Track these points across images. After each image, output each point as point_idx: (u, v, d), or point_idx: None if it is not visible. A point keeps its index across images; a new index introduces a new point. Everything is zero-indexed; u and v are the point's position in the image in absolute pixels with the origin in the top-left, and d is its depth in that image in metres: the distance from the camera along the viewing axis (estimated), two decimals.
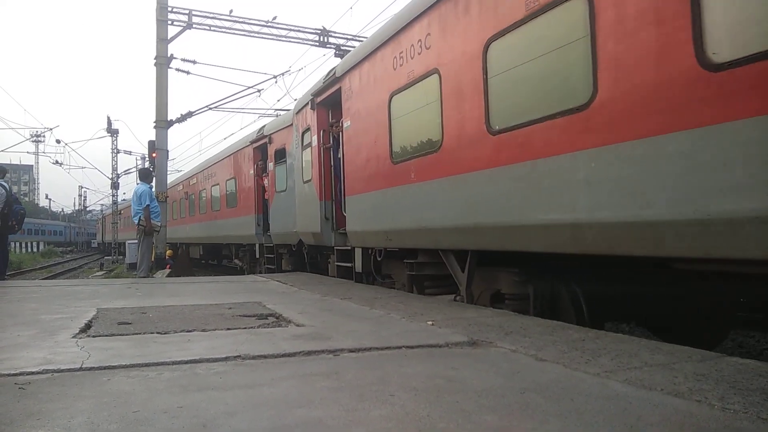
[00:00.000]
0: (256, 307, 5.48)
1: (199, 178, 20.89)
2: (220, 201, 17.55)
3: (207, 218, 19.28)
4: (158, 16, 16.75)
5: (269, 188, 13.15)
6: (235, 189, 16.01)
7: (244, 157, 15.27)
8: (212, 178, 18.80)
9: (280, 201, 12.24)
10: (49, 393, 2.57)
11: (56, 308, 5.56)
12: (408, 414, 2.26)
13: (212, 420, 2.20)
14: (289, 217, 11.40)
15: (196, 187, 21.46)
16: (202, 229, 20.20)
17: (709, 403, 2.36)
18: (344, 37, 19.21)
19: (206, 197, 19.60)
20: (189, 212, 22.53)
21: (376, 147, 7.38)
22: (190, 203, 22.32)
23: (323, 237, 9.41)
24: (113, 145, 37.00)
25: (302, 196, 10.45)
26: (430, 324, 4.42)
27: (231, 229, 16.34)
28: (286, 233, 11.82)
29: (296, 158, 10.81)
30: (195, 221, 21.28)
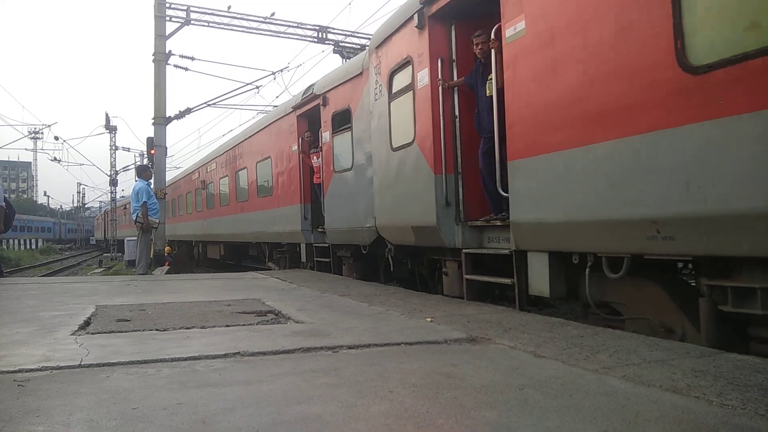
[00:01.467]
0: (255, 304, 5.48)
1: (219, 163, 17.22)
2: (248, 190, 14.17)
3: (230, 212, 15.93)
4: (156, 12, 16.70)
5: (322, 168, 9.75)
6: (270, 173, 12.47)
7: (283, 129, 11.64)
8: (237, 161, 15.25)
9: (342, 184, 8.92)
10: (48, 390, 2.57)
11: (55, 305, 5.56)
12: (407, 410, 2.26)
13: (211, 416, 2.20)
14: (357, 205, 8.23)
15: (214, 175, 17.89)
16: (223, 226, 16.80)
17: (707, 399, 2.36)
18: (343, 33, 19.18)
19: (229, 186, 16.10)
20: (206, 205, 18.91)
21: (636, 44, 3.69)
22: (208, 195, 18.68)
23: (441, 233, 6.02)
24: (112, 142, 36.98)
25: (389, 171, 7.11)
26: (429, 321, 4.42)
27: (264, 224, 12.91)
28: (353, 229, 8.46)
29: (377, 117, 7.45)
30: (213, 216, 17.86)
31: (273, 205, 12.31)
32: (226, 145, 16.91)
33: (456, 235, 6.04)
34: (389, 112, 7.09)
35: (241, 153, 14.89)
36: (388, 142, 7.10)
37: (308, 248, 10.79)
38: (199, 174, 20.23)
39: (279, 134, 11.97)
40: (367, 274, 8.80)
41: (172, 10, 16.96)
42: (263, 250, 13.90)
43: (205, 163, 19.30)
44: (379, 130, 7.42)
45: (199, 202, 20.21)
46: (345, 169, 8.84)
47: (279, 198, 11.97)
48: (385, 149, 7.20)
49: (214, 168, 17.99)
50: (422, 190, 6.27)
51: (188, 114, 18.71)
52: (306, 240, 10.74)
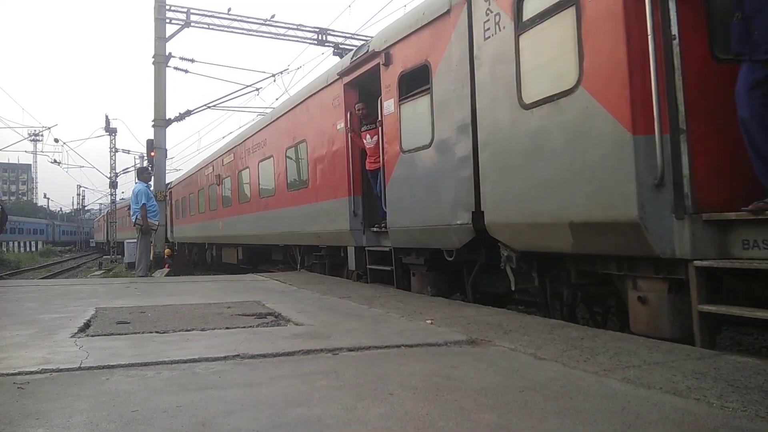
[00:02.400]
0: (255, 306, 5.48)
1: (238, 154, 14.79)
2: (276, 182, 11.79)
3: (251, 209, 13.51)
4: (156, 15, 16.74)
5: (382, 149, 7.36)
6: (305, 160, 10.05)
7: (324, 104, 9.18)
8: (260, 150, 12.79)
9: (414, 167, 6.61)
10: (48, 392, 2.57)
11: (55, 308, 5.55)
12: (407, 413, 2.26)
13: (211, 419, 2.20)
14: (441, 194, 6.08)
15: (231, 168, 15.43)
16: (242, 226, 14.35)
17: (707, 401, 2.36)
18: (343, 35, 19.21)
19: (250, 180, 13.70)
20: (221, 203, 16.48)
21: None
22: (224, 191, 16.24)
23: (647, 232, 3.74)
24: (111, 144, 36.99)
25: (516, 139, 4.92)
26: (429, 323, 4.42)
27: (296, 223, 10.54)
28: (432, 228, 6.23)
29: (488, 63, 5.29)
30: (231, 214, 15.47)
31: (309, 199, 9.91)
32: (246, 133, 14.41)
33: (676, 235, 3.70)
34: (517, 51, 4.84)
35: (266, 140, 12.47)
36: (515, 97, 4.83)
37: (358, 253, 8.27)
38: (213, 168, 17.46)
39: (318, 111, 9.49)
40: (446, 287, 6.66)
41: (172, 13, 17.01)
42: (294, 254, 11.61)
43: (221, 155, 16.62)
44: (494, 82, 5.17)
45: (213, 200, 17.44)
46: (420, 146, 6.42)
47: (317, 190, 9.52)
48: (508, 108, 4.95)
49: (231, 160, 15.42)
50: (600, 163, 4.03)
51: (188, 116, 18.80)
52: (356, 242, 8.21)
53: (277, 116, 11.73)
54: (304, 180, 10.20)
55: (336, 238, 8.94)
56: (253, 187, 13.46)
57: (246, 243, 14.71)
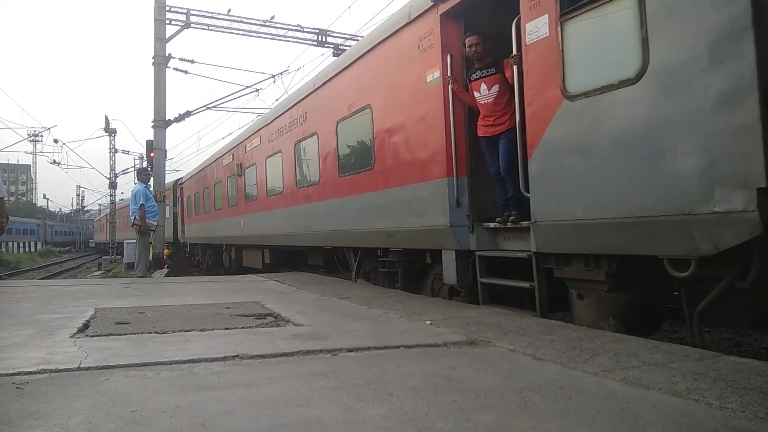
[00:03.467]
0: (254, 307, 5.48)
1: (266, 136, 12.09)
2: (322, 166, 9.10)
3: (284, 203, 10.99)
4: (156, 16, 16.75)
5: (518, 98, 5.10)
6: (369, 133, 7.47)
7: (402, 51, 6.69)
8: (298, 128, 10.17)
9: (596, 121, 4.17)
10: (47, 393, 2.57)
11: (54, 308, 5.55)
12: (406, 413, 2.26)
13: (210, 419, 2.20)
14: (665, 163, 3.64)
15: (257, 155, 12.82)
16: (272, 223, 11.75)
17: (707, 402, 2.36)
18: (342, 36, 19.22)
19: (283, 167, 11.00)
20: (244, 197, 14.00)
21: None
22: (247, 183, 13.70)
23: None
24: (111, 145, 36.97)
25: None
26: (428, 323, 4.42)
27: (354, 218, 7.96)
28: (644, 220, 3.79)
29: None
30: (256, 210, 12.95)
31: (374, 186, 7.32)
32: (277, 110, 11.73)
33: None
34: None
35: (305, 115, 9.83)
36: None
37: (461, 260, 5.82)
38: (233, 156, 14.93)
39: (391, 63, 6.92)
40: (639, 320, 4.38)
41: (171, 14, 17.01)
42: (346, 258, 8.81)
43: (243, 140, 14.03)
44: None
45: (233, 194, 14.97)
46: (613, 83, 4.00)
47: (388, 173, 6.99)
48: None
49: (256, 145, 12.82)
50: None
51: (188, 117, 18.80)
52: (459, 244, 5.76)
53: (322, 83, 9.00)
54: (365, 161, 7.58)
55: (422, 238, 6.30)
56: (286, 175, 10.83)
57: (276, 244, 12.05)
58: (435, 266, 6.50)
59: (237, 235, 14.77)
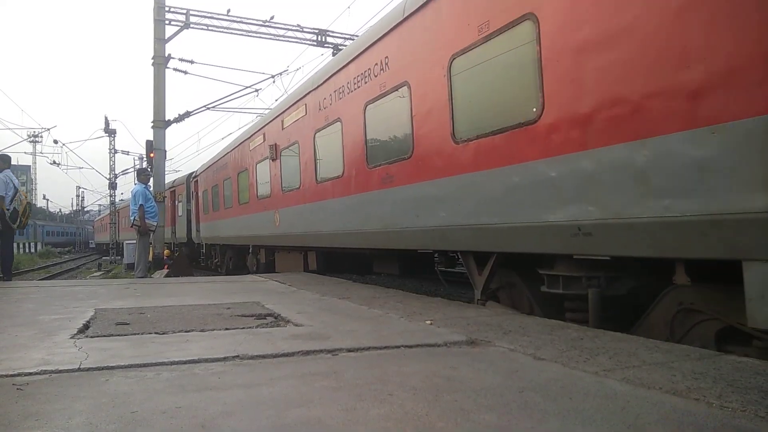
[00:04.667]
0: (254, 307, 5.48)
1: (317, 102, 9.32)
2: (418, 130, 6.38)
3: (348, 189, 8.24)
4: (156, 16, 16.75)
5: None
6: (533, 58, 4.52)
7: None
8: (373, 81, 7.41)
9: None
10: (48, 394, 2.57)
11: (54, 309, 5.55)
12: (407, 413, 2.26)
13: (211, 420, 2.20)
14: None
15: (302, 128, 10.09)
16: (329, 217, 8.95)
17: (707, 401, 2.36)
18: (342, 36, 19.21)
19: (346, 140, 8.26)
20: (280, 186, 11.35)
21: None
22: (285, 167, 11.13)
23: None
24: (111, 145, 36.99)
25: None
26: (428, 323, 4.42)
27: (488, 206, 5.24)
28: None
29: None
30: (298, 202, 10.32)
31: (544, 148, 4.55)
32: (338, 62, 8.68)
33: None
34: None
35: (387, 59, 7.00)
36: None
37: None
38: (265, 136, 12.24)
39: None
40: None
41: (171, 14, 17.01)
42: (468, 268, 5.95)
43: (280, 113, 11.37)
44: None
45: (264, 184, 12.30)
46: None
47: (588, 122, 4.10)
48: None
49: (300, 117, 10.17)
50: None
51: (187, 117, 18.79)
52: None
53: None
54: (521, 108, 4.80)
55: (686, 238, 3.47)
56: (350, 152, 8.09)
57: (329, 245, 9.38)
58: (678, 291, 3.93)
59: (269, 234, 12.01)
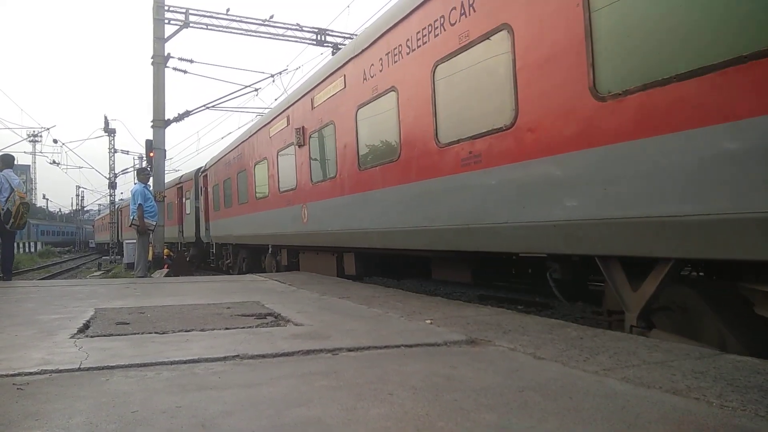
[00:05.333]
0: (254, 307, 5.48)
1: (362, 70, 7.70)
2: (525, 89, 4.74)
3: (404, 177, 6.67)
4: (155, 15, 16.72)
5: None
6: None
7: None
8: (447, 32, 5.71)
9: None
10: (48, 393, 2.57)
11: (54, 308, 5.55)
12: (407, 413, 2.26)
13: (211, 419, 2.20)
14: None
15: (338, 106, 8.50)
16: (379, 211, 7.37)
17: (707, 400, 2.36)
18: (342, 35, 19.20)
19: (404, 114, 6.67)
20: (308, 176, 9.78)
21: None
22: (315, 154, 9.58)
23: None
24: (110, 145, 36.99)
25: None
26: (428, 323, 4.42)
27: (666, 189, 3.56)
28: None
29: None
30: (335, 193, 8.68)
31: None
32: (393, 16, 6.97)
33: None
34: None
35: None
36: None
37: None
38: (289, 119, 10.64)
39: None
40: None
41: (170, 13, 16.99)
42: (610, 279, 4.28)
43: (308, 90, 9.74)
44: None
45: (288, 175, 10.77)
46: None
47: None
48: None
49: (337, 91, 8.45)
50: None
51: (187, 117, 18.76)
52: None
53: None
54: None
55: None
56: (410, 129, 6.55)
57: (381, 246, 7.51)
58: None
59: (294, 232, 10.50)
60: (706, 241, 3.36)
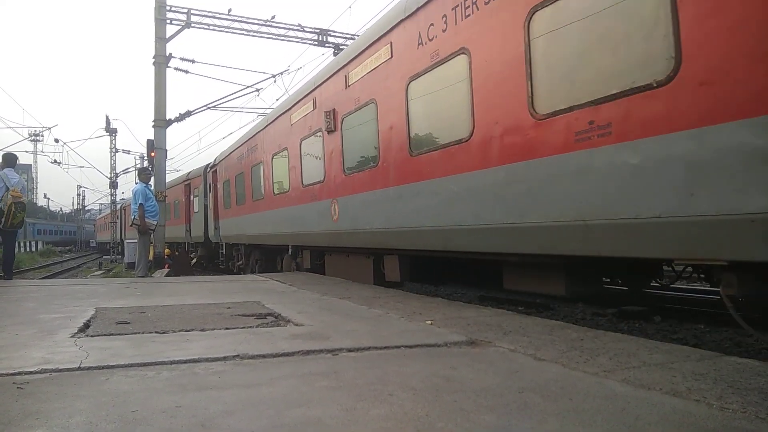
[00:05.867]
0: (254, 307, 5.48)
1: (416, 34, 6.23)
2: None
3: (481, 161, 5.26)
4: (157, 15, 16.74)
5: None
6: None
7: None
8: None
9: None
10: (48, 393, 2.57)
11: (55, 308, 5.55)
12: (407, 413, 2.26)
13: (211, 419, 2.20)
14: None
15: (383, 81, 7.12)
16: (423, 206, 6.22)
17: (707, 402, 2.36)
18: (343, 36, 19.21)
19: (474, 85, 5.31)
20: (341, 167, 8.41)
21: None
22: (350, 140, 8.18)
23: None
24: (112, 145, 37.01)
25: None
26: (428, 323, 4.42)
27: None
28: None
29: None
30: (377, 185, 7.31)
31: None
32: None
33: None
34: None
35: None
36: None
37: None
38: (316, 103, 9.27)
39: None
40: None
41: (172, 13, 17.00)
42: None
43: (341, 66, 8.42)
44: None
45: (314, 167, 9.45)
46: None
47: None
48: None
49: (382, 62, 7.18)
50: None
51: (188, 117, 18.77)
52: None
53: None
54: None
55: None
56: (492, 94, 5.18)
57: (442, 249, 6.11)
58: None
59: (322, 230, 9.18)
60: None
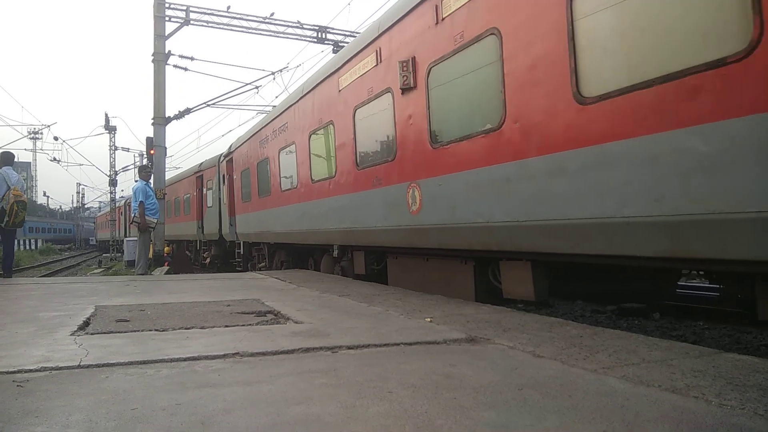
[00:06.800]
0: (254, 304, 5.48)
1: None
2: None
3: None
4: (156, 13, 16.71)
5: None
6: None
7: None
8: None
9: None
10: (48, 391, 2.57)
11: (54, 306, 5.55)
12: (406, 410, 2.26)
13: (210, 417, 2.20)
14: None
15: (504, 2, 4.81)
16: (575, 188, 4.18)
17: (706, 399, 2.36)
18: (342, 33, 19.17)
19: None
20: (423, 136, 6.14)
21: None
22: (438, 100, 5.92)
23: None
24: (111, 142, 37.01)
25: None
26: (428, 321, 4.42)
27: None
28: None
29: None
30: (477, 163, 5.28)
31: None
32: None
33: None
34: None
35: None
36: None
37: None
38: (379, 56, 7.14)
39: None
40: None
41: (171, 10, 16.97)
42: None
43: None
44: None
45: (376, 142, 7.51)
46: None
47: None
48: None
49: None
50: None
51: (188, 114, 18.73)
52: None
53: None
54: None
55: None
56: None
57: (597, 253, 4.21)
58: None
59: (389, 226, 7.08)
60: None
